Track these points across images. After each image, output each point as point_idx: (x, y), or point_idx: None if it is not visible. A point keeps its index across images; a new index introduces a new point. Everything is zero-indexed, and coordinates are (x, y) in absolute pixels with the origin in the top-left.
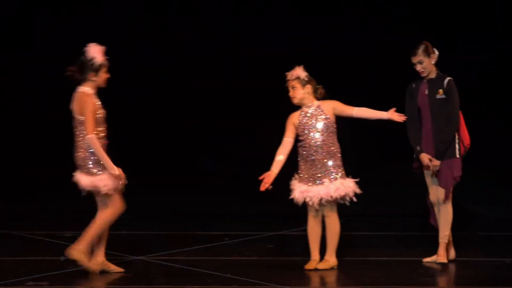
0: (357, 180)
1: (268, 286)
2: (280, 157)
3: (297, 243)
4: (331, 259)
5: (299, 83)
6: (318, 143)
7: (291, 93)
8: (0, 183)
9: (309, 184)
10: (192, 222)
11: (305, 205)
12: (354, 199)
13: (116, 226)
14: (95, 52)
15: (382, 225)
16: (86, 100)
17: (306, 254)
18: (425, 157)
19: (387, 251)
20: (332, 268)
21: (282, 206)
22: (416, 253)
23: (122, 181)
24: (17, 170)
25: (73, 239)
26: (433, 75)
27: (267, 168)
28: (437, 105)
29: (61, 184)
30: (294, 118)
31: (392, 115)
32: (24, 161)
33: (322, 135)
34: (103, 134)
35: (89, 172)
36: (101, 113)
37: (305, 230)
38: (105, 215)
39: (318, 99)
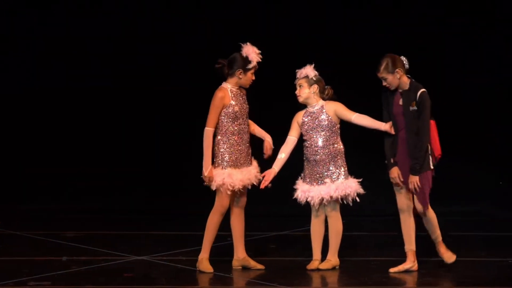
0: (360, 180)
1: (270, 286)
2: (282, 155)
3: (299, 243)
4: (333, 259)
5: (306, 82)
6: (320, 143)
7: (297, 92)
8: (0, 183)
9: (312, 184)
10: (195, 222)
11: (308, 204)
12: (357, 199)
13: (118, 226)
14: (251, 51)
15: (387, 225)
16: (216, 94)
17: (308, 254)
18: (395, 172)
19: (390, 252)
20: (334, 268)
21: (286, 206)
22: (420, 253)
23: (207, 183)
24: (17, 170)
25: (75, 239)
26: (406, 87)
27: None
28: (410, 117)
29: (63, 184)
30: (299, 117)
31: (390, 128)
32: (23, 160)
33: (324, 135)
34: (239, 129)
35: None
36: (236, 108)
37: (308, 230)
38: (210, 217)
39: (324, 99)
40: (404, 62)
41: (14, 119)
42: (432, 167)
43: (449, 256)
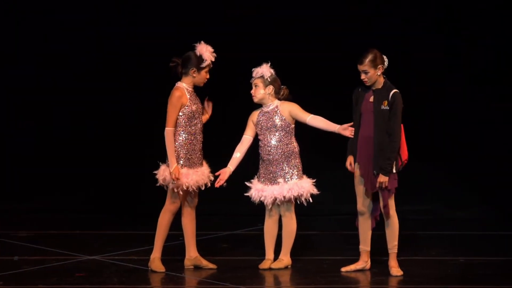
0: (314, 180)
1: (222, 285)
2: (237, 155)
3: (252, 242)
4: (285, 259)
5: (262, 82)
6: (274, 143)
7: (252, 91)
8: None
9: (265, 183)
10: (146, 222)
11: (262, 204)
12: (310, 200)
13: (69, 226)
14: (205, 50)
15: (340, 224)
16: (173, 94)
17: (261, 253)
18: (348, 160)
19: (342, 251)
20: (286, 268)
21: (238, 205)
22: (373, 252)
23: (173, 178)
24: None
25: (27, 238)
26: (379, 85)
27: (225, 164)
28: (381, 115)
29: (14, 184)
30: (254, 117)
31: (343, 130)
32: None
33: (278, 135)
34: (195, 128)
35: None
36: (193, 108)
37: (261, 230)
38: (161, 216)
39: (280, 99)
40: (385, 61)
41: None
42: (394, 170)
43: (396, 271)
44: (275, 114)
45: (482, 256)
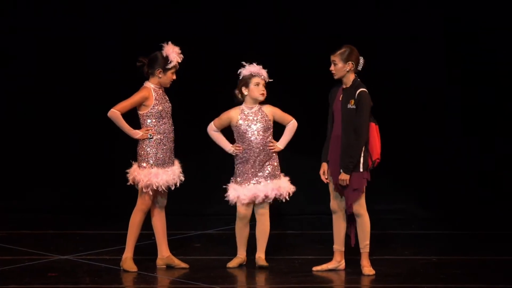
0: (288, 178)
1: (194, 285)
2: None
3: (224, 241)
4: (263, 256)
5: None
6: (253, 144)
7: (261, 89)
8: None
9: (241, 184)
10: (118, 222)
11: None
12: (287, 198)
13: (41, 226)
14: (171, 51)
15: (314, 223)
16: (140, 90)
17: (234, 253)
18: (321, 168)
19: (316, 251)
20: (262, 267)
21: (210, 204)
22: (345, 252)
23: (149, 133)
24: None
25: (2, 239)
26: (349, 84)
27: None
28: (347, 114)
29: None
30: (234, 115)
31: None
32: None
33: (258, 136)
34: (164, 128)
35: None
36: (160, 107)
37: (233, 229)
38: (132, 216)
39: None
40: (360, 62)
41: None
42: (362, 169)
43: (368, 270)
44: (258, 115)
45: (454, 256)
